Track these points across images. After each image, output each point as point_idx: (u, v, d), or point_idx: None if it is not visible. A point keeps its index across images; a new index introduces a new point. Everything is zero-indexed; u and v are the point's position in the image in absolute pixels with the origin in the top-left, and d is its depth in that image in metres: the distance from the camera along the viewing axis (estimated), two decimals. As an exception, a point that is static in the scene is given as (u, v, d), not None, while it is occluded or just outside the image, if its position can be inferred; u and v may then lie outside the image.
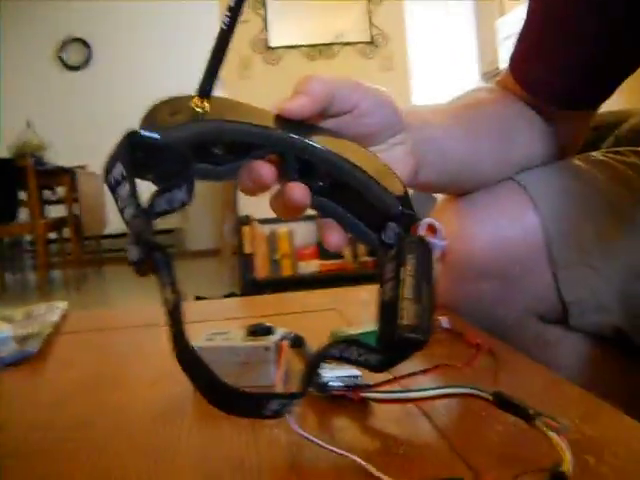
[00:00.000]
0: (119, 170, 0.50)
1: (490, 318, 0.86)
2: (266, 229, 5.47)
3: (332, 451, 0.47)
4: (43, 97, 7.99)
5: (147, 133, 0.52)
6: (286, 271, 5.50)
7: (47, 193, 6.84)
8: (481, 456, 0.46)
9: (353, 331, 0.68)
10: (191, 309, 1.16)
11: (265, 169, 0.56)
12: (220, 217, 6.51)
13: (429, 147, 0.75)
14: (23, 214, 6.02)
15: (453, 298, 0.87)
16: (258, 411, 0.47)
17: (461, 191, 0.88)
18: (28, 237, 6.74)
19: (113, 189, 0.51)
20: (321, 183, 0.59)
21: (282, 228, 5.47)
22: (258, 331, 0.66)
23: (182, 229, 8.15)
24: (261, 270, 5.46)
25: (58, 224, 6.31)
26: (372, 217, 0.59)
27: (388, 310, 0.51)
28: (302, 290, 1.24)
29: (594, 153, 0.96)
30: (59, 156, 6.64)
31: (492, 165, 0.87)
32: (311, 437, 0.48)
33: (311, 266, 5.48)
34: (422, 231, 0.55)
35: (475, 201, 0.87)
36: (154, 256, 0.48)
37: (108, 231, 6.78)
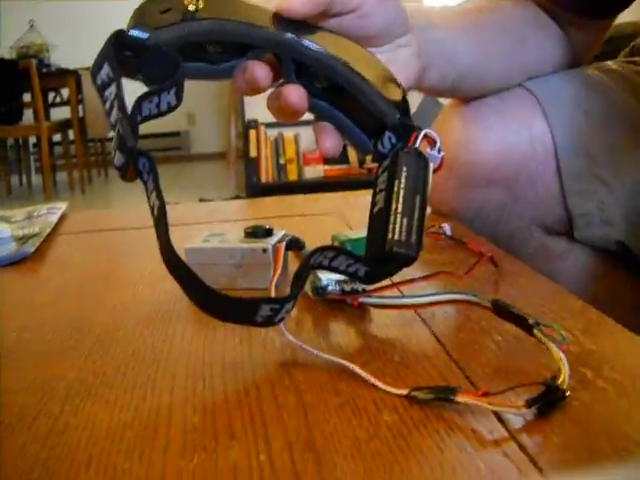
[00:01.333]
0: (106, 71, 0.48)
1: (494, 227, 0.85)
2: (272, 133, 5.43)
3: (323, 357, 0.46)
4: (47, -5, 7.81)
5: (135, 33, 0.50)
6: (291, 175, 5.50)
7: (52, 95, 6.77)
8: (478, 366, 0.45)
9: (354, 235, 0.67)
10: (192, 211, 1.15)
11: (260, 70, 0.54)
12: (227, 120, 6.46)
13: (435, 49, 0.72)
14: (27, 116, 5.96)
15: (457, 205, 0.85)
16: (249, 317, 0.46)
17: (468, 96, 0.86)
18: (33, 139, 6.69)
19: (100, 91, 0.49)
20: (318, 85, 0.57)
21: (288, 132, 5.43)
22: (256, 233, 0.64)
23: (188, 132, 8.11)
24: (266, 174, 5.45)
25: (63, 126, 6.26)
26: (369, 124, 0.56)
27: (378, 222, 0.50)
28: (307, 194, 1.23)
29: (609, 62, 0.93)
30: (64, 57, 6.54)
31: (501, 70, 0.84)
32: (304, 345, 0.47)
33: (316, 171, 5.47)
34: (419, 142, 0.53)
35: (483, 107, 0.85)
36: (138, 162, 0.47)
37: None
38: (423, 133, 0.53)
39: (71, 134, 6.32)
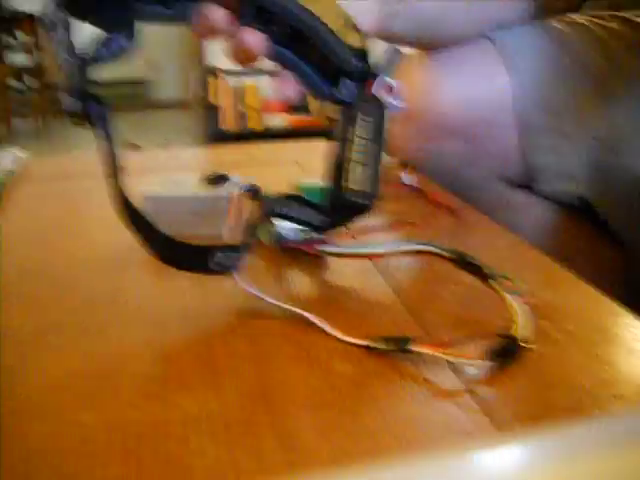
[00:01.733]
0: (55, 13, 0.47)
1: (454, 178, 0.85)
2: (233, 81, 5.37)
3: (278, 306, 0.46)
4: None
5: None
6: (253, 124, 5.45)
7: (8, 40, 6.62)
8: (434, 315, 0.45)
9: (311, 184, 0.66)
10: (151, 158, 1.13)
11: (217, 12, 0.52)
12: (187, 67, 6.37)
13: None
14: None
15: (417, 155, 0.85)
16: (203, 264, 0.45)
17: (433, 45, 0.85)
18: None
19: (50, 32, 0.47)
20: (276, 30, 0.55)
21: (249, 80, 5.37)
22: (214, 180, 0.63)
23: (149, 79, 7.99)
24: (228, 122, 5.40)
25: (20, 72, 6.13)
26: (328, 70, 0.55)
27: (334, 171, 0.49)
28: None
29: (574, 15, 0.92)
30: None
31: (466, 20, 0.83)
32: (260, 294, 0.47)
33: (279, 120, 5.43)
34: (379, 90, 0.52)
35: (445, 57, 0.84)
36: (88, 106, 0.45)
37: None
38: (381, 80, 0.52)
39: (29, 80, 6.19)
